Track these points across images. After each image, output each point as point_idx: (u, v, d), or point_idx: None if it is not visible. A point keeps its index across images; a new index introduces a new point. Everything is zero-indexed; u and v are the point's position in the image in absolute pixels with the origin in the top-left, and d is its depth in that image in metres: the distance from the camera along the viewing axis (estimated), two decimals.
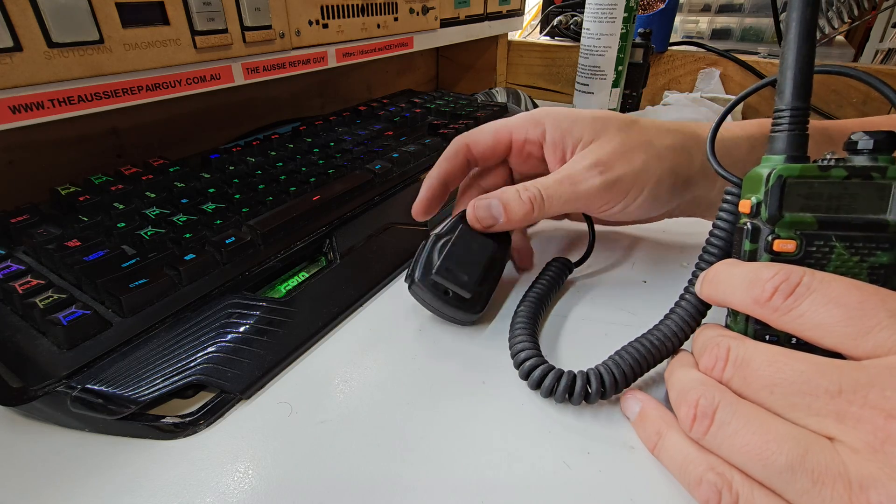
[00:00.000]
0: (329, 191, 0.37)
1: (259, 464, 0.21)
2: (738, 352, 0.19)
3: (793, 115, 0.21)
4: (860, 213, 0.19)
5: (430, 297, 0.27)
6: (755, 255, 0.21)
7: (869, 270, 0.19)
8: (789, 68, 0.20)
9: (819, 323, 0.17)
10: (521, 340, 0.26)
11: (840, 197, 0.19)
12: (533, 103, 0.70)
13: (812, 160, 0.20)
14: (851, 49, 0.79)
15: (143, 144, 0.46)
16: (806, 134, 0.21)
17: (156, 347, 0.24)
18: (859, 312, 0.17)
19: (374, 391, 0.25)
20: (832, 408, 0.16)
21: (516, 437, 0.22)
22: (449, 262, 0.27)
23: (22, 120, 0.28)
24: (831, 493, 0.15)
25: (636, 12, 0.56)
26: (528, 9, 0.88)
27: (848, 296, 0.17)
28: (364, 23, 0.47)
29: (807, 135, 0.21)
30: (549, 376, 0.23)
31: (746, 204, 0.21)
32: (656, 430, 0.21)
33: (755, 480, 0.17)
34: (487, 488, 0.20)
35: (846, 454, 0.15)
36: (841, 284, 0.17)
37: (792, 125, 0.21)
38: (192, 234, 0.30)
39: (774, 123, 0.21)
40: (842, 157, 0.20)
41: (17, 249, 0.30)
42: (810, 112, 0.21)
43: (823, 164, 0.20)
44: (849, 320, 0.17)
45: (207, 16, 0.34)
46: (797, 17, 0.20)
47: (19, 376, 0.22)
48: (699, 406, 0.19)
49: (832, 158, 0.20)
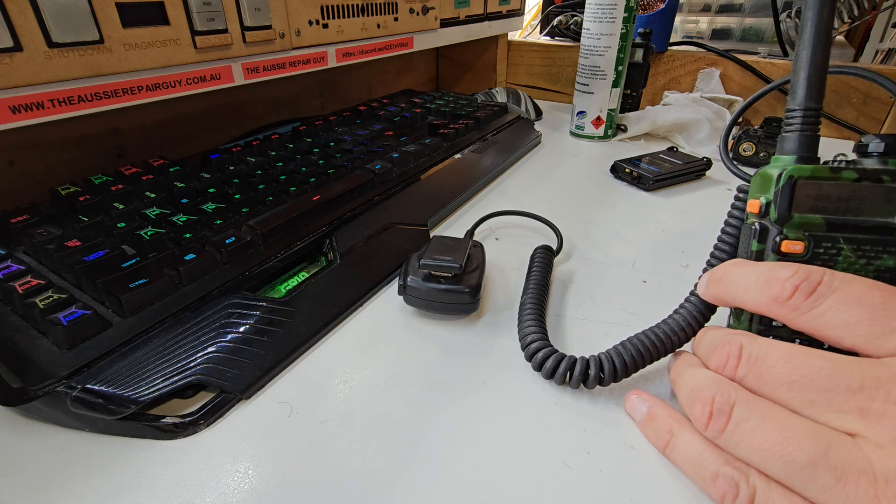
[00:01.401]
0: (329, 191, 0.37)
1: (259, 464, 0.21)
2: (752, 349, 0.19)
3: (805, 115, 0.20)
4: (869, 216, 0.19)
5: (424, 290, 0.28)
6: (762, 255, 0.21)
7: (875, 273, 0.19)
8: (803, 68, 0.20)
9: (840, 322, 0.17)
10: (532, 331, 0.26)
11: (849, 199, 0.19)
12: (533, 103, 0.70)
13: (822, 161, 0.20)
14: (851, 49, 0.79)
15: (143, 144, 0.46)
16: (818, 135, 0.21)
17: (156, 347, 0.24)
18: (883, 312, 0.16)
19: (374, 391, 0.25)
20: (854, 404, 0.16)
21: (516, 436, 0.22)
22: (431, 252, 0.29)
23: (22, 120, 0.28)
24: (856, 489, 0.15)
25: (636, 12, 0.56)
26: (528, 9, 0.88)
27: (871, 295, 0.17)
28: (364, 23, 0.47)
29: (818, 136, 0.21)
30: (562, 363, 0.24)
31: (755, 204, 0.21)
32: (668, 428, 0.21)
33: (773, 480, 0.17)
34: (487, 488, 0.20)
35: (870, 450, 0.15)
36: (863, 284, 0.17)
37: (804, 126, 0.21)
38: (192, 234, 0.30)
39: (786, 123, 0.21)
40: (852, 159, 0.20)
41: (17, 249, 0.30)
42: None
43: (834, 165, 0.20)
44: (873, 320, 0.17)
45: (207, 16, 0.34)
46: (812, 16, 0.20)
47: (19, 376, 0.22)
48: (715, 403, 0.18)
49: (843, 160, 0.20)
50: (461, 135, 0.52)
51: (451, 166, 0.47)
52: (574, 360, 0.24)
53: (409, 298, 0.30)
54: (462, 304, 0.29)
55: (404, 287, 0.29)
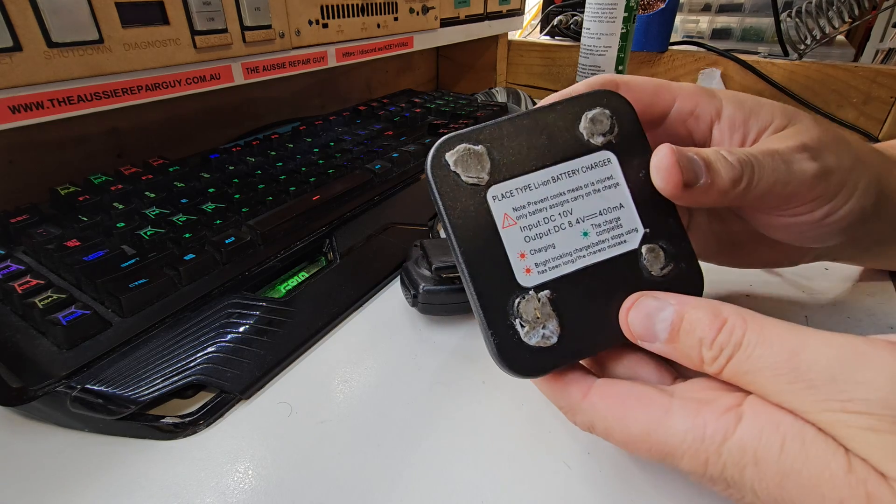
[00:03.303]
0: (329, 191, 0.37)
1: (259, 464, 0.21)
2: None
3: None
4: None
5: (441, 295, 0.28)
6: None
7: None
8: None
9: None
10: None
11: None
12: (533, 103, 0.70)
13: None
14: (852, 49, 0.79)
15: (142, 144, 0.46)
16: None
17: (155, 347, 0.24)
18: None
19: (374, 391, 0.25)
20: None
21: (516, 436, 0.22)
22: (434, 256, 0.29)
23: (21, 120, 0.28)
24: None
25: (636, 12, 0.56)
26: (528, 8, 0.88)
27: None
28: (364, 22, 0.47)
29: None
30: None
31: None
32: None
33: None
34: (487, 488, 0.20)
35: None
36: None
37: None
38: (191, 234, 0.30)
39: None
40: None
41: (16, 249, 0.30)
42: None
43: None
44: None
45: (207, 15, 0.34)
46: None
47: (19, 376, 0.22)
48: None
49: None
50: None
51: None
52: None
53: (425, 307, 0.28)
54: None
55: (416, 296, 0.28)
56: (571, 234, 0.19)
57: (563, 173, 0.19)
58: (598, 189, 0.19)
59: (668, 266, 0.19)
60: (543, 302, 0.18)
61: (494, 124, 0.19)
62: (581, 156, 0.19)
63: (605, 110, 0.19)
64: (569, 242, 0.19)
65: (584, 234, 0.19)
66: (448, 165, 0.18)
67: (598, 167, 0.19)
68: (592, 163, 0.19)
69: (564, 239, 0.19)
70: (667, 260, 0.19)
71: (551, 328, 0.18)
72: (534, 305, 0.18)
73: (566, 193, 0.19)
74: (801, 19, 0.62)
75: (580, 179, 0.19)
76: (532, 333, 0.18)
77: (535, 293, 0.18)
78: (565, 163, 0.19)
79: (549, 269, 0.19)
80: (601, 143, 0.19)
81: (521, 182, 0.19)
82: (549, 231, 0.19)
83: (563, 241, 0.19)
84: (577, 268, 0.19)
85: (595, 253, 0.19)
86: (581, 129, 0.19)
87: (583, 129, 0.19)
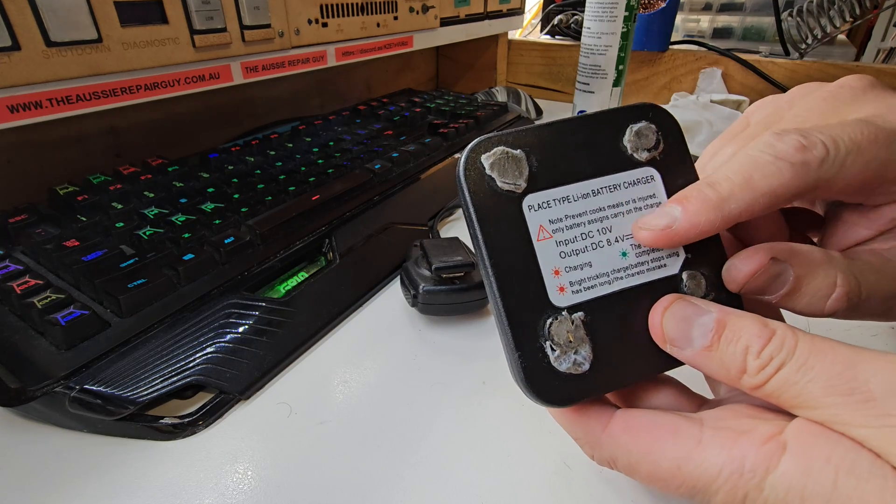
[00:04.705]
0: (328, 190, 0.37)
1: (258, 464, 0.21)
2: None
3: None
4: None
5: (442, 295, 0.28)
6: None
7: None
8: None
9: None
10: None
11: None
12: (533, 102, 0.70)
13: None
14: (853, 48, 0.79)
15: (141, 144, 0.46)
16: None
17: (154, 348, 0.24)
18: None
19: (374, 391, 0.25)
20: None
21: (516, 437, 0.22)
22: (434, 256, 0.29)
23: (20, 119, 0.28)
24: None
25: (637, 11, 0.56)
26: (529, 8, 0.88)
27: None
28: (363, 22, 0.47)
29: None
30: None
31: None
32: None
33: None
34: (487, 488, 0.20)
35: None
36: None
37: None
38: (190, 234, 0.30)
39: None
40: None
41: (15, 249, 0.30)
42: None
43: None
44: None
45: (206, 14, 0.34)
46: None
47: (17, 377, 0.22)
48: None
49: None
50: (461, 134, 0.52)
51: (451, 166, 0.46)
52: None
53: (425, 307, 0.29)
54: (479, 301, 0.29)
55: (416, 296, 0.28)
56: (609, 253, 0.17)
57: (604, 187, 0.18)
58: (639, 207, 0.18)
59: (710, 295, 0.17)
60: (577, 325, 0.17)
61: (535, 129, 0.18)
62: (624, 170, 0.18)
63: (651, 125, 0.18)
64: (606, 262, 0.17)
65: (623, 255, 0.17)
66: (483, 168, 0.17)
67: (640, 184, 0.18)
68: (635, 179, 0.18)
69: (602, 258, 0.17)
70: (708, 288, 0.18)
71: (584, 354, 0.16)
72: (566, 328, 0.16)
73: (606, 209, 0.17)
74: (803, 18, 0.62)
75: (621, 195, 0.18)
76: (563, 358, 0.16)
77: (569, 314, 0.17)
78: (607, 176, 0.18)
79: (583, 290, 0.17)
80: (645, 158, 0.18)
81: (560, 193, 0.17)
82: (587, 248, 0.17)
83: (601, 260, 0.17)
84: (613, 290, 0.17)
85: (633, 276, 0.17)
86: (625, 142, 0.18)
87: (627, 142, 0.18)
